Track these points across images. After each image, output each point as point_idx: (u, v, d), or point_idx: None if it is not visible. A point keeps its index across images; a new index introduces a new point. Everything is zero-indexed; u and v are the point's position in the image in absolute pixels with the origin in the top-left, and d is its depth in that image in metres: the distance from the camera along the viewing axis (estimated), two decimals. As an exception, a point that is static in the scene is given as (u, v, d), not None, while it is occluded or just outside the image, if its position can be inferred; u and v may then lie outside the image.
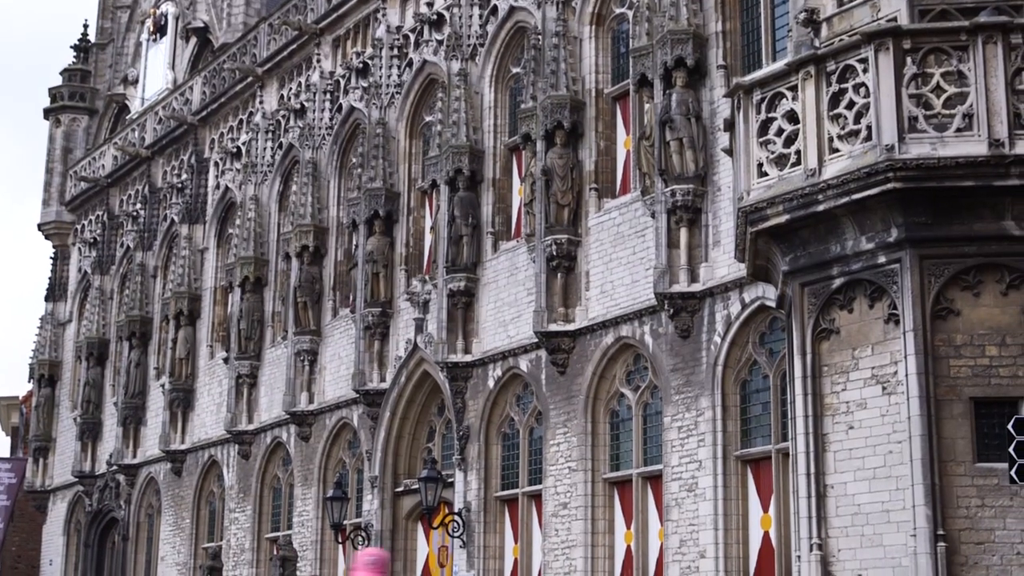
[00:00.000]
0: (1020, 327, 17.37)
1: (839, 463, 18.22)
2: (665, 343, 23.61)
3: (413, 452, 30.04)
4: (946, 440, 17.31)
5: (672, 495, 22.85)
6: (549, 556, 25.13)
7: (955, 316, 17.61)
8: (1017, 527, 16.91)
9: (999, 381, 17.32)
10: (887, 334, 17.93)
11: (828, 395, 18.52)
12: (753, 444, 22.25)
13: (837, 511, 18.12)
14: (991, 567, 16.91)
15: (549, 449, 25.62)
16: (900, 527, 17.30)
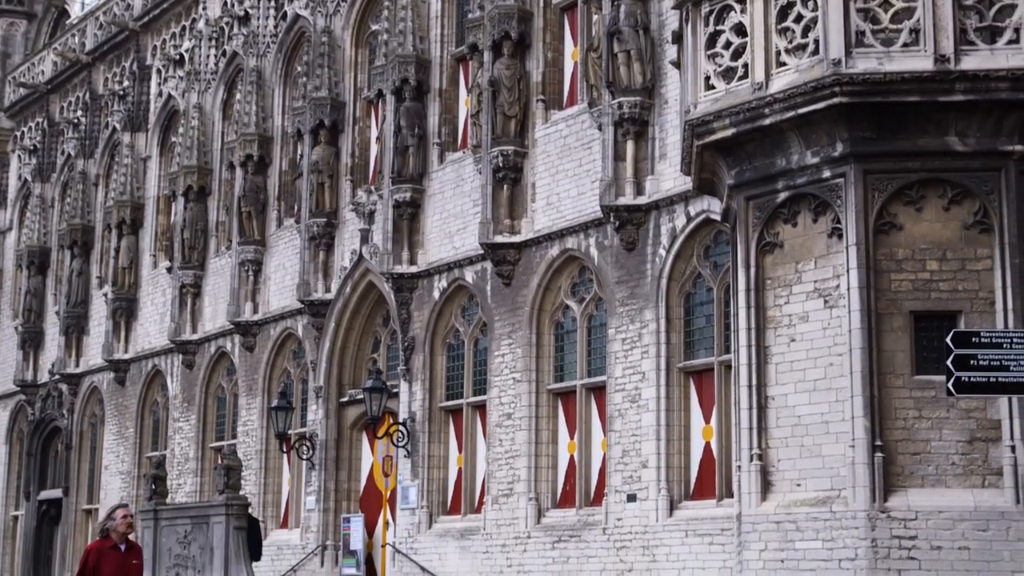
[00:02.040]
0: (961, 242, 17.57)
1: (780, 375, 18.46)
2: (610, 255, 23.69)
3: (358, 362, 30.09)
4: (886, 353, 17.57)
5: (615, 406, 23.07)
6: (493, 466, 25.35)
7: (897, 231, 17.79)
8: (953, 438, 17.24)
9: (939, 295, 17.56)
10: (830, 248, 18.09)
11: (771, 308, 18.71)
12: (696, 356, 22.46)
13: (777, 422, 18.39)
14: (927, 477, 17.26)
15: (494, 360, 25.75)
16: (839, 438, 17.58)
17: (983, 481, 17.10)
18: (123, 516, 11.55)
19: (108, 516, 11.48)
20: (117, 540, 11.38)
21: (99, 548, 11.28)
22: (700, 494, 21.93)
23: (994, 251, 17.45)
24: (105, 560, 11.18)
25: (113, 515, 11.54)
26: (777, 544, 17.95)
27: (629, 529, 22.41)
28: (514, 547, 24.50)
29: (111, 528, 11.34)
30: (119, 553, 11.29)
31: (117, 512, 11.55)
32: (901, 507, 17.10)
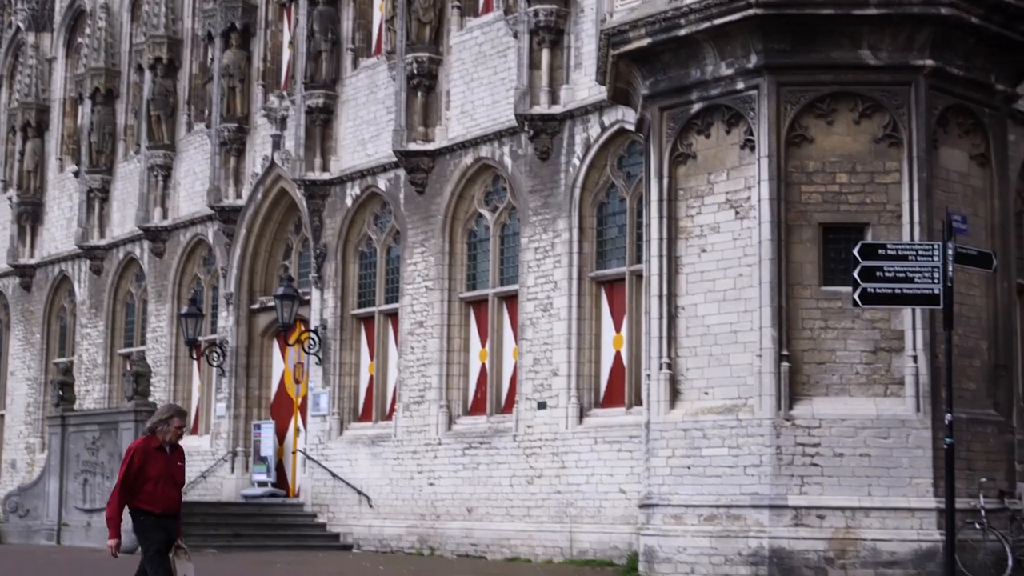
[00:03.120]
0: (870, 155, 17.79)
1: (691, 285, 18.65)
2: (524, 164, 23.67)
3: (269, 270, 29.90)
4: (794, 264, 17.81)
5: (527, 315, 23.19)
6: (404, 373, 25.42)
7: (808, 143, 17.96)
8: (857, 348, 17.59)
9: (848, 207, 17.81)
10: (742, 159, 18.23)
11: (683, 218, 18.85)
12: (608, 266, 22.60)
13: (687, 332, 18.62)
14: (831, 386, 17.60)
15: (406, 268, 25.71)
16: (747, 347, 17.86)
17: (885, 390, 17.49)
18: (178, 427, 10.96)
19: (162, 419, 10.87)
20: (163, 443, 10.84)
21: (145, 448, 10.66)
22: (610, 402, 22.19)
23: (902, 164, 17.70)
24: (151, 462, 10.64)
25: (169, 420, 10.88)
26: (684, 451, 18.26)
27: (539, 436, 22.65)
28: (425, 454, 24.67)
29: (162, 431, 10.79)
30: (165, 455, 10.77)
31: (174, 420, 10.91)
32: (805, 415, 17.45)
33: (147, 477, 10.52)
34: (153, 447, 10.71)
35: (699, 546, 17.72)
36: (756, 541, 17.27)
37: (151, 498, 10.60)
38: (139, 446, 10.70)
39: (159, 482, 10.61)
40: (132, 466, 10.57)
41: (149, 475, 10.54)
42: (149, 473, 10.56)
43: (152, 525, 10.52)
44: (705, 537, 17.71)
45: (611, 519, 21.23)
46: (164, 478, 10.64)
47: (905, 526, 17.05)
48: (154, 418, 10.91)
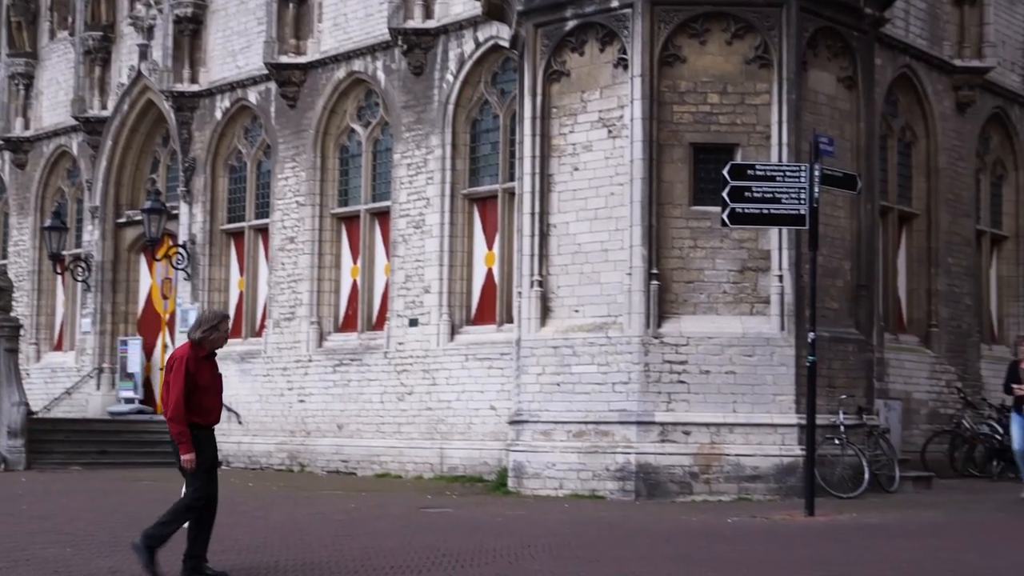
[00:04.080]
0: (741, 76, 17.95)
1: (563, 203, 18.72)
2: (397, 79, 23.42)
3: (136, 183, 29.29)
4: (665, 184, 17.97)
5: (399, 231, 23.08)
6: (275, 289, 25.19)
7: (681, 63, 18.05)
8: (725, 267, 17.85)
9: (718, 128, 17.97)
10: (615, 78, 18.26)
11: (556, 137, 18.87)
12: (481, 183, 22.55)
13: (559, 250, 18.71)
14: (699, 304, 17.87)
15: (277, 183, 25.38)
16: (617, 266, 18.01)
17: (752, 309, 17.81)
18: (226, 332, 10.35)
19: (212, 325, 10.17)
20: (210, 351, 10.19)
21: (195, 357, 10.02)
22: (481, 319, 22.25)
23: (772, 86, 17.89)
24: (200, 371, 10.05)
25: (218, 326, 10.19)
26: (554, 368, 18.42)
27: (410, 353, 22.66)
28: (295, 370, 24.55)
29: (211, 340, 10.16)
30: (212, 363, 10.23)
31: (223, 325, 10.25)
32: (674, 333, 17.70)
33: (197, 387, 10.00)
34: (201, 356, 10.14)
35: (567, 462, 17.95)
36: (623, 457, 17.54)
37: (201, 409, 10.06)
38: (188, 354, 10.06)
39: (207, 392, 10.11)
40: (188, 373, 9.97)
41: (199, 385, 10.02)
42: (199, 383, 10.03)
43: (204, 439, 10.02)
44: (574, 453, 17.94)
45: (481, 435, 21.38)
46: (212, 388, 10.15)
47: (768, 442, 17.45)
48: (203, 325, 10.20)
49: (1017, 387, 17.19)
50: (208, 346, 10.15)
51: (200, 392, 9.97)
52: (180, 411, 9.80)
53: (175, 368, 9.93)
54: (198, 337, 10.11)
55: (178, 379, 9.86)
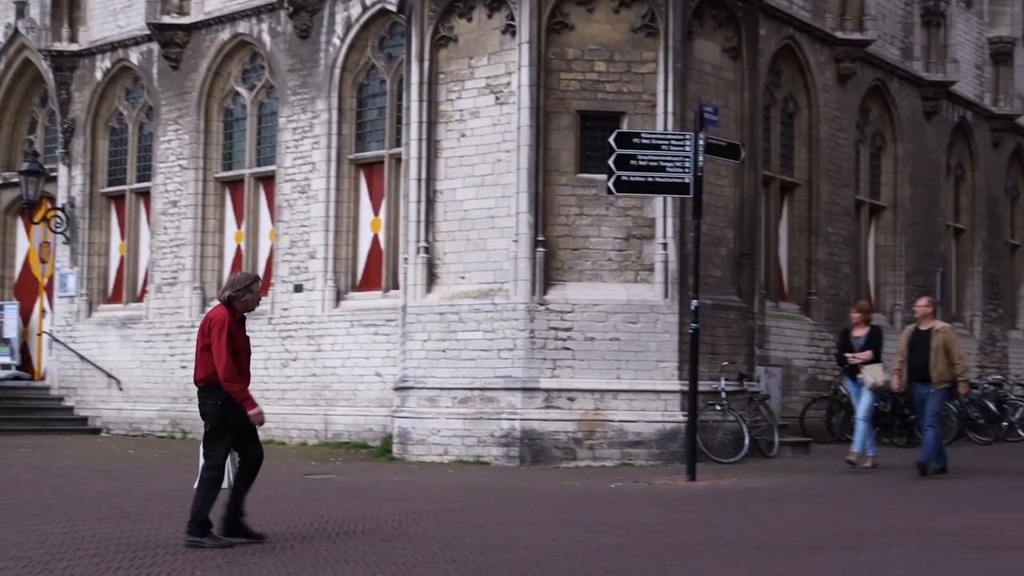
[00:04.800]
0: (628, 44, 18.03)
1: (450, 170, 18.68)
2: (283, 42, 23.13)
3: (13, 144, 28.57)
4: (552, 151, 18.02)
5: (284, 196, 22.84)
6: (157, 254, 24.79)
7: (569, 31, 18.08)
8: (610, 235, 17.97)
9: (605, 96, 18.06)
10: (503, 45, 18.24)
11: (443, 103, 18.81)
12: (367, 148, 22.37)
13: (445, 216, 18.68)
14: (584, 271, 17.98)
15: (160, 146, 24.94)
16: (503, 233, 18.04)
17: (636, 276, 17.96)
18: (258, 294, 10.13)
19: (244, 286, 9.91)
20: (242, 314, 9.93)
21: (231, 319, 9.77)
22: (367, 285, 22.13)
23: (658, 55, 18.00)
24: (238, 335, 9.82)
25: (250, 287, 9.95)
26: (440, 335, 18.42)
27: (295, 319, 22.48)
28: (177, 336, 24.20)
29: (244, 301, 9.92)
30: (244, 327, 10.00)
31: (254, 286, 10.00)
32: (559, 300, 17.80)
33: (235, 350, 9.78)
34: (235, 319, 9.90)
35: (452, 428, 17.99)
36: (508, 423, 17.63)
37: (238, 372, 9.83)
38: (227, 317, 9.82)
39: (243, 356, 9.88)
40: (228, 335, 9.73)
41: (237, 348, 9.81)
42: (237, 345, 9.82)
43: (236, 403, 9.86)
44: (459, 419, 17.98)
45: (366, 402, 21.31)
46: (245, 352, 9.92)
47: (651, 408, 17.65)
48: (234, 287, 9.95)
49: (850, 356, 16.86)
50: (240, 307, 9.94)
51: (237, 356, 9.81)
52: (233, 371, 9.66)
53: (217, 331, 9.74)
54: (227, 297, 9.90)
55: (223, 341, 9.69)
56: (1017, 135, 31.44)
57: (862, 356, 16.72)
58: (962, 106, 28.88)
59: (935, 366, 16.00)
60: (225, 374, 9.67)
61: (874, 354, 16.73)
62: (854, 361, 16.79)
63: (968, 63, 29.13)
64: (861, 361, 16.69)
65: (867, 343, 16.85)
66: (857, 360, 16.74)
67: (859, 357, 16.73)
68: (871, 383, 16.59)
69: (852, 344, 16.98)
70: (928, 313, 16.48)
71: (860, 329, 17.05)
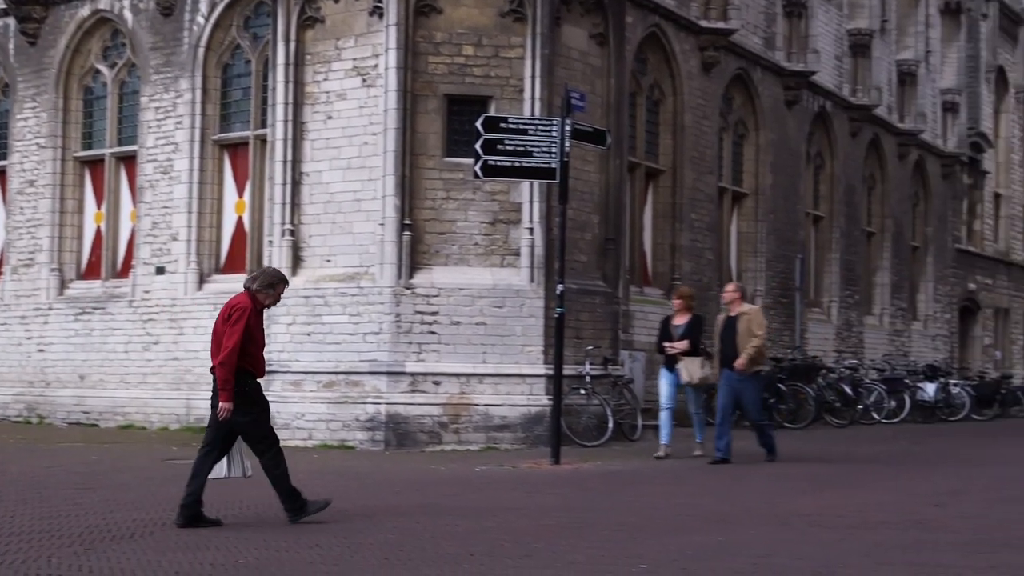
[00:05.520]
0: (496, 29, 18.05)
1: (316, 152, 18.54)
2: (146, 20, 22.69)
3: None
4: (419, 134, 17.98)
5: (146, 177, 22.43)
6: (13, 235, 24.17)
7: (437, 14, 18.03)
8: (477, 219, 18.00)
9: (473, 80, 18.06)
10: (371, 26, 18.13)
11: (309, 84, 18.65)
12: (232, 129, 22.07)
13: (311, 198, 18.53)
14: (451, 255, 17.98)
15: (16, 124, 24.30)
16: (370, 216, 17.96)
17: (502, 261, 18.02)
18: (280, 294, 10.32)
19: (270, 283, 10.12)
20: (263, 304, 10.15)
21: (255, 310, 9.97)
22: (231, 268, 21.84)
23: (526, 40, 18.06)
24: (258, 325, 10.04)
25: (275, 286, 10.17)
26: (305, 318, 18.28)
27: (157, 301, 22.10)
28: (34, 319, 23.65)
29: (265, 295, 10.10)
30: (262, 318, 10.25)
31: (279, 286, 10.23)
32: (425, 284, 17.78)
33: (252, 339, 9.93)
34: (257, 310, 10.08)
35: (317, 412, 17.88)
36: (374, 407, 17.57)
37: (256, 362, 9.99)
38: (251, 307, 9.96)
39: (260, 346, 10.06)
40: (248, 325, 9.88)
41: (255, 337, 9.97)
42: (255, 335, 9.98)
43: (259, 389, 10.06)
44: (323, 403, 17.88)
45: (230, 386, 21.01)
46: (260, 345, 10.07)
47: (516, 391, 17.73)
48: (261, 280, 10.14)
49: (669, 345, 16.06)
50: (262, 300, 10.12)
51: (254, 345, 10.01)
52: (234, 359, 9.78)
53: (237, 318, 9.88)
54: (256, 288, 10.07)
55: (239, 328, 9.82)
56: (874, 125, 32.22)
57: (680, 346, 15.94)
58: (822, 96, 29.50)
59: (742, 351, 15.40)
60: (226, 358, 9.79)
61: (693, 344, 15.98)
62: (671, 351, 16.02)
63: (828, 54, 29.75)
64: (679, 351, 15.94)
65: (686, 332, 16.06)
66: (675, 350, 15.98)
67: (677, 347, 15.96)
68: (685, 380, 15.87)
69: (672, 332, 16.20)
70: (736, 298, 15.76)
71: (681, 317, 16.26)
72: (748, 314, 15.62)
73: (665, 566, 7.95)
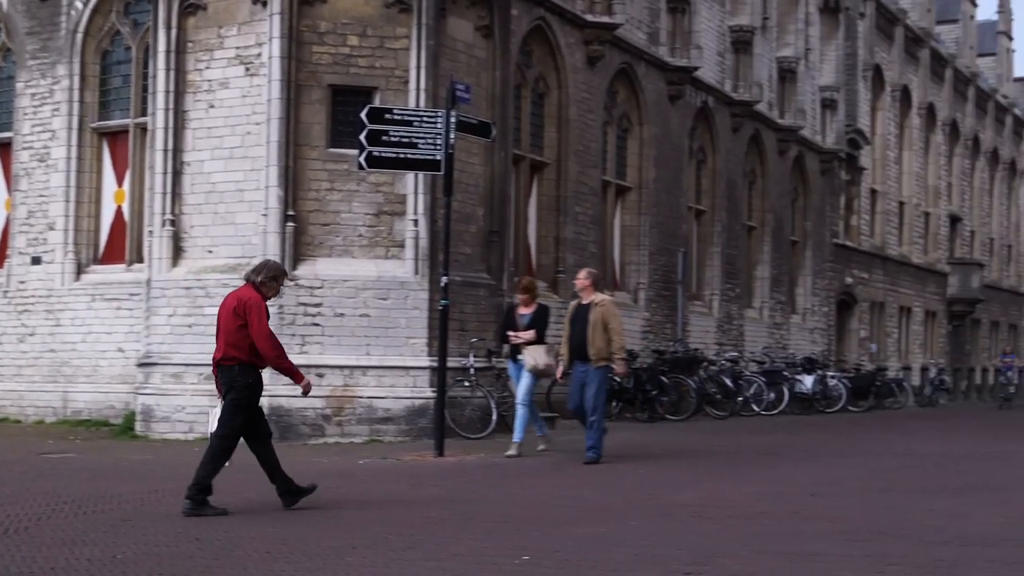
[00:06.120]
0: (381, 20, 17.97)
1: (198, 141, 18.30)
2: (21, 3, 22.16)
3: None
4: (303, 125, 17.83)
5: (22, 164, 21.93)
6: None
7: (321, 3, 17.90)
8: (361, 211, 17.91)
9: (357, 71, 17.96)
10: (254, 15, 17.94)
11: (191, 72, 18.40)
12: (111, 117, 21.68)
13: (192, 188, 18.29)
14: (335, 247, 17.87)
15: None
16: (252, 206, 17.78)
17: (387, 252, 17.96)
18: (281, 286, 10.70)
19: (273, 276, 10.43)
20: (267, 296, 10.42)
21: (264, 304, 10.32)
22: (109, 258, 21.47)
23: (411, 31, 18.00)
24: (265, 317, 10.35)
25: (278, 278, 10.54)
26: (186, 310, 18.05)
27: (32, 293, 21.64)
28: (-96, 309, 23.01)
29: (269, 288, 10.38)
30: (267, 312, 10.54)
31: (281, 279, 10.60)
32: (309, 276, 17.65)
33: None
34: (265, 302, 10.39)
35: (198, 405, 17.66)
36: (256, 399, 17.37)
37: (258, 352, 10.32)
38: (260, 298, 10.29)
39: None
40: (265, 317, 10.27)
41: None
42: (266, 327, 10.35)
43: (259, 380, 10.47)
44: (204, 396, 17.63)
45: (108, 378, 20.69)
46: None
47: (400, 384, 17.69)
48: (265, 273, 10.44)
49: (513, 334, 15.81)
50: (265, 292, 10.39)
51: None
52: (281, 348, 10.35)
53: (256, 312, 10.20)
54: (260, 280, 10.35)
55: (264, 322, 10.20)
56: (755, 121, 32.71)
57: (525, 335, 15.65)
58: (704, 91, 29.86)
59: (593, 342, 14.60)
60: (274, 352, 10.26)
61: (538, 334, 15.70)
62: (516, 341, 15.73)
63: (711, 50, 30.12)
64: (524, 341, 15.63)
65: (531, 322, 15.82)
66: (519, 340, 15.68)
67: (522, 336, 15.68)
68: (531, 365, 15.54)
69: (517, 322, 15.91)
70: (588, 286, 14.97)
71: (526, 307, 15.99)
72: (601, 305, 14.82)
73: (547, 557, 7.99)
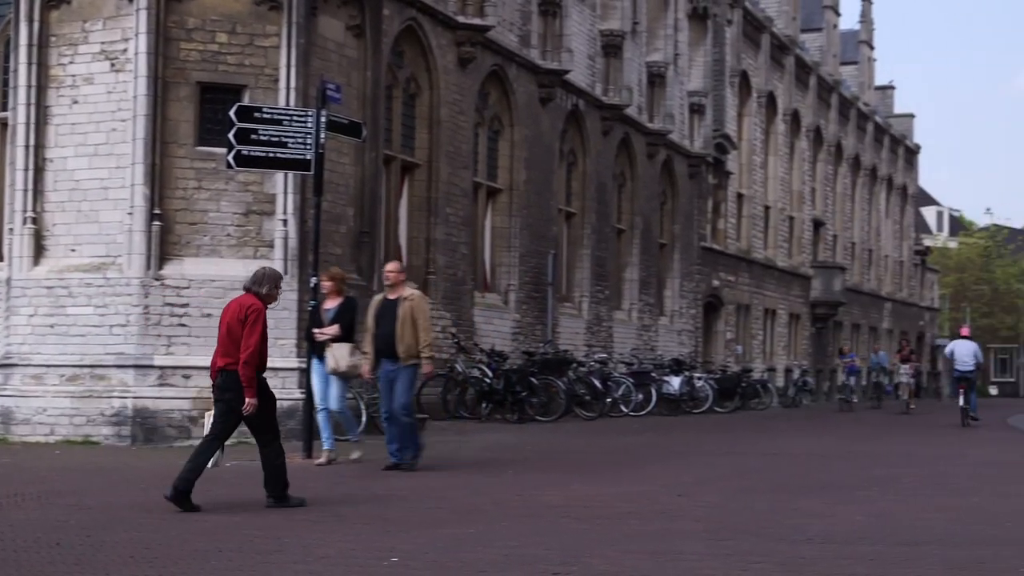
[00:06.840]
0: (251, 17, 17.79)
1: (61, 137, 17.93)
2: None
3: None
4: (170, 122, 17.58)
5: None
6: None
7: (189, 0, 17.65)
8: (230, 210, 17.71)
9: (226, 68, 17.76)
10: (120, 10, 17.64)
11: (54, 67, 18.03)
12: (-30, 112, 21.14)
13: (55, 185, 17.92)
14: (202, 247, 17.64)
15: None
16: (118, 204, 17.47)
17: (256, 252, 17.78)
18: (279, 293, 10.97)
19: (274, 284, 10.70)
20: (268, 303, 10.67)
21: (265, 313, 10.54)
22: (-32, 257, 20.92)
23: (282, 29, 17.86)
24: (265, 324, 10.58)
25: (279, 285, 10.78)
26: (48, 309, 17.67)
27: None
28: None
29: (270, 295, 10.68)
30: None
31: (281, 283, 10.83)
32: (175, 275, 17.40)
33: (263, 338, 10.53)
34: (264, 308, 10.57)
35: (60, 406, 17.31)
36: (120, 401, 17.10)
37: (263, 360, 10.59)
38: (262, 307, 10.57)
39: (266, 344, 10.61)
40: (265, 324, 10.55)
41: (265, 336, 10.56)
42: (265, 334, 10.57)
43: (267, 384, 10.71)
44: (67, 397, 17.31)
45: (-34, 379, 20.14)
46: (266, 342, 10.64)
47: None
48: (266, 281, 10.68)
49: (318, 332, 14.65)
50: (266, 300, 10.62)
51: (263, 344, 10.58)
52: (256, 359, 10.41)
53: (255, 319, 10.43)
54: (265, 292, 10.63)
55: (257, 329, 10.41)
56: (625, 125, 33.05)
57: (330, 331, 14.55)
58: (575, 94, 30.09)
59: (401, 339, 13.86)
60: (249, 359, 10.37)
61: (344, 330, 14.62)
62: (321, 338, 14.62)
63: (582, 53, 30.37)
64: (329, 338, 14.55)
65: (337, 316, 14.69)
66: (324, 336, 14.58)
67: (326, 333, 14.57)
68: (331, 367, 14.54)
69: (322, 318, 14.77)
70: (399, 280, 14.22)
71: (331, 301, 14.85)
72: (410, 299, 14.08)
73: (416, 558, 7.99)
